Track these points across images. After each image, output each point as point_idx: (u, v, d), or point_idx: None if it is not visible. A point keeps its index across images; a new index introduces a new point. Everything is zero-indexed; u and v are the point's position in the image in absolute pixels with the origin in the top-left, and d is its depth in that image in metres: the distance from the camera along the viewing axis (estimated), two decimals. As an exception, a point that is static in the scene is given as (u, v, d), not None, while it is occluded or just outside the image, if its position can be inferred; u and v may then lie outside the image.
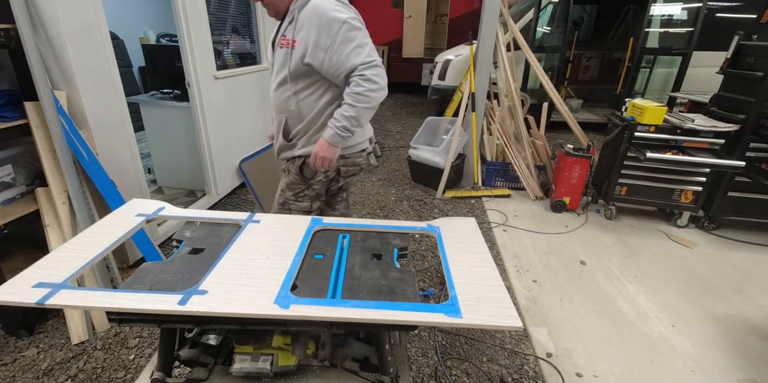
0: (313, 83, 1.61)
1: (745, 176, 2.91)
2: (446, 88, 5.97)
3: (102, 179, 2.11)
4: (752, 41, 2.92)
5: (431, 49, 8.32)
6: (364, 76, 1.48)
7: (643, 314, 2.25)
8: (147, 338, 1.99)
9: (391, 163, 4.62)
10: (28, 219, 1.96)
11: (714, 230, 3.16)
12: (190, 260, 1.22)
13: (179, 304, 0.97)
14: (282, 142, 1.74)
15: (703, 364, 1.93)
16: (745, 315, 2.26)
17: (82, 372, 1.78)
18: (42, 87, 1.85)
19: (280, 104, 1.68)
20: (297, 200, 1.84)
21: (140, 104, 3.34)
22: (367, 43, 1.52)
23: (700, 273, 2.64)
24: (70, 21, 1.93)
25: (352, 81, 1.50)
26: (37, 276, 1.05)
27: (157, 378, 1.16)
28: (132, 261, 2.43)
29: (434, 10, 8.34)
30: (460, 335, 2.08)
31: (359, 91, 1.49)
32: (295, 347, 1.17)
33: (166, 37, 5.74)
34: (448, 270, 1.20)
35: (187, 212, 1.53)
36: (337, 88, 1.62)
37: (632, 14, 6.62)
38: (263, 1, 1.58)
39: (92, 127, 2.12)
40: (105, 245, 1.21)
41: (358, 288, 1.11)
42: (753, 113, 2.77)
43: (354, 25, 1.49)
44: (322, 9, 1.48)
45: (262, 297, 1.02)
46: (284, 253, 1.23)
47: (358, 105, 1.50)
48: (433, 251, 2.82)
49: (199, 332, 1.27)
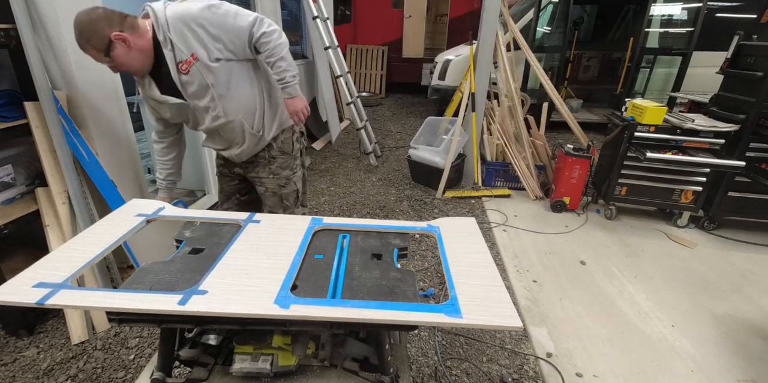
0: (232, 72, 1.63)
1: (745, 176, 2.91)
2: (446, 88, 5.98)
3: (102, 179, 2.11)
4: (752, 41, 2.92)
5: (431, 49, 8.33)
6: (263, 34, 1.55)
7: (643, 314, 2.25)
8: (147, 338, 1.99)
9: (391, 163, 4.62)
10: (28, 219, 1.96)
11: (714, 230, 3.16)
12: (190, 260, 1.21)
13: (179, 304, 0.97)
14: (250, 139, 1.79)
15: (703, 364, 1.93)
16: (745, 315, 2.26)
17: (82, 372, 1.78)
18: (42, 87, 1.85)
19: (229, 111, 1.68)
20: (295, 173, 1.99)
21: (140, 104, 3.34)
22: (237, 8, 1.56)
23: (700, 273, 2.64)
24: (70, 21, 1.92)
25: (258, 45, 1.58)
26: (37, 276, 1.05)
27: (157, 378, 1.16)
28: (132, 261, 2.42)
29: (434, 10, 8.34)
30: (460, 335, 2.08)
31: (271, 46, 1.58)
32: (295, 347, 1.17)
33: (166, 37, 5.73)
34: (448, 270, 1.20)
35: (187, 212, 1.53)
36: (248, 62, 1.67)
37: (632, 14, 6.63)
38: (118, 69, 1.53)
39: (92, 127, 2.12)
40: (105, 245, 1.21)
41: (358, 288, 1.11)
42: (753, 113, 2.77)
43: (213, 3, 1.52)
44: (181, 13, 1.48)
45: (262, 297, 1.02)
46: (284, 253, 1.23)
47: (282, 54, 1.60)
48: (433, 251, 2.82)
49: (199, 332, 1.27)
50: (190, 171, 3.43)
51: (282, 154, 1.90)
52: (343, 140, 5.38)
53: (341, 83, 4.44)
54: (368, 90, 8.28)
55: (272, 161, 1.90)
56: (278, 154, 1.89)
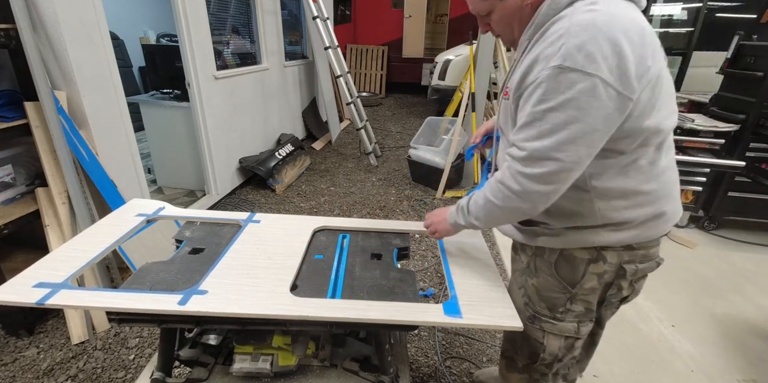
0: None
1: (745, 176, 2.91)
2: (446, 89, 5.98)
3: (102, 179, 2.11)
4: (752, 41, 2.92)
5: (431, 49, 8.33)
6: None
7: (643, 314, 2.25)
8: (147, 338, 1.99)
9: (391, 163, 4.62)
10: (28, 219, 1.96)
11: (714, 230, 3.16)
12: (190, 260, 1.21)
13: (179, 304, 0.97)
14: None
15: (703, 364, 1.93)
16: (745, 315, 2.26)
17: (82, 372, 1.78)
18: (42, 87, 1.85)
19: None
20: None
21: (140, 104, 3.34)
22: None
23: (700, 273, 2.63)
24: (70, 21, 1.93)
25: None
26: (38, 276, 1.05)
27: (157, 378, 1.16)
28: (128, 263, 2.42)
29: (434, 10, 8.34)
30: (460, 335, 2.08)
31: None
32: (295, 347, 1.17)
33: (166, 37, 5.74)
34: (448, 270, 1.20)
35: (187, 212, 1.53)
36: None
37: (632, 14, 6.61)
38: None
39: (92, 127, 2.12)
40: (105, 245, 1.21)
41: (359, 287, 1.11)
42: (753, 113, 2.77)
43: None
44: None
45: (262, 296, 1.02)
46: (284, 253, 1.23)
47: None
48: (433, 251, 2.82)
49: (199, 332, 1.27)
50: (190, 171, 3.44)
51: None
52: (343, 140, 5.38)
53: (341, 83, 4.44)
54: (368, 90, 8.28)
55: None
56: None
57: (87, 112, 2.08)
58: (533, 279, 1.11)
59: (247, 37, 3.96)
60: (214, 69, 3.18)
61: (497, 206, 0.95)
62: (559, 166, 0.82)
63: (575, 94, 0.77)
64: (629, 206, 0.93)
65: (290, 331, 1.16)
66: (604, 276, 1.01)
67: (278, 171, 3.78)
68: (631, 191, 0.92)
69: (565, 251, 1.02)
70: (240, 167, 3.70)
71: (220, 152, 3.35)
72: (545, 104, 0.81)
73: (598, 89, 0.76)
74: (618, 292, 1.04)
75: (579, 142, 0.80)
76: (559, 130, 0.80)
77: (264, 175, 3.67)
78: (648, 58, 0.79)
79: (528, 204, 0.90)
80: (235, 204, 3.46)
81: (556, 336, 0.97)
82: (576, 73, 0.76)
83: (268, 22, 4.08)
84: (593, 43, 0.76)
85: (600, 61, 0.75)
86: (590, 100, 0.77)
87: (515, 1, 0.91)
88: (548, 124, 0.81)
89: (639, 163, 0.90)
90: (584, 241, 0.97)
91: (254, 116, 3.91)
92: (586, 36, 0.76)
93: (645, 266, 1.03)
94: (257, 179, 3.84)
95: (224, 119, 3.38)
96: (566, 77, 0.77)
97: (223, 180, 3.44)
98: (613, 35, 0.76)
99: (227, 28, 3.64)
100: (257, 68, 3.92)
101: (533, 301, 1.12)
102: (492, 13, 0.96)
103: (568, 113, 0.79)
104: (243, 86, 3.66)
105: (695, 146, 2.95)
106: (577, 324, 1.08)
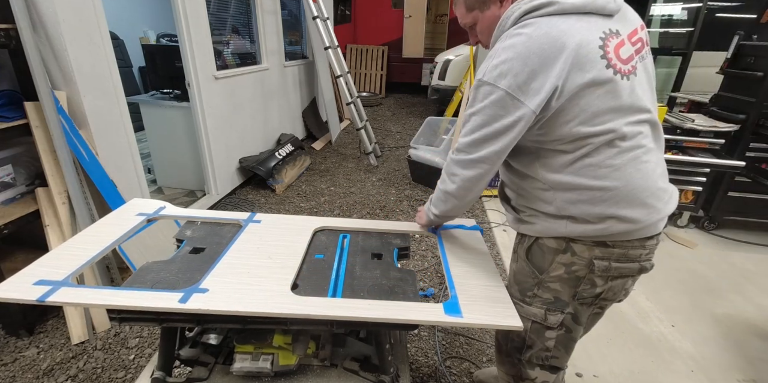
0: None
1: (745, 176, 2.91)
2: (446, 89, 5.98)
3: (102, 179, 2.11)
4: (752, 41, 2.92)
5: (431, 49, 8.33)
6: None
7: (643, 314, 2.25)
8: (147, 338, 1.99)
9: (391, 163, 4.62)
10: (28, 219, 1.96)
11: (714, 230, 3.16)
12: (190, 259, 1.21)
13: (180, 302, 0.97)
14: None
15: (703, 364, 1.93)
16: (745, 315, 2.26)
17: (82, 372, 1.78)
18: (42, 87, 1.85)
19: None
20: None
21: (140, 104, 3.34)
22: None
23: (700, 273, 2.64)
24: (70, 21, 1.93)
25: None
26: (38, 274, 1.05)
27: (157, 377, 1.16)
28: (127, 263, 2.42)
29: (434, 10, 8.35)
30: (460, 335, 2.08)
31: None
32: (295, 346, 1.17)
33: (166, 37, 5.74)
34: (448, 270, 1.20)
35: (188, 211, 1.53)
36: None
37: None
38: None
39: (92, 127, 2.12)
40: (106, 244, 1.21)
41: (359, 287, 1.11)
42: (753, 113, 2.77)
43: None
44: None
45: (263, 295, 1.02)
46: (285, 253, 1.23)
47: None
48: (433, 251, 2.82)
49: (200, 331, 1.27)
50: (190, 171, 3.44)
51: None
52: (343, 140, 5.38)
53: (341, 83, 4.45)
54: (368, 90, 8.28)
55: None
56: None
57: (87, 112, 2.08)
58: (515, 264, 1.24)
59: (247, 37, 3.96)
60: (214, 69, 3.18)
61: (440, 190, 1.18)
62: (476, 156, 1.03)
63: (488, 103, 0.96)
64: (582, 200, 1.01)
65: (291, 330, 1.16)
66: (572, 268, 1.07)
67: (278, 171, 3.78)
68: (583, 186, 1.00)
69: (540, 239, 1.13)
70: (240, 167, 3.70)
71: (220, 152, 3.35)
72: (470, 109, 1.02)
73: (505, 100, 0.93)
74: (591, 288, 1.08)
75: (491, 141, 0.99)
76: (476, 130, 1.00)
77: (264, 175, 3.67)
78: (560, 75, 0.90)
79: (456, 185, 1.10)
80: (235, 204, 3.46)
81: (523, 318, 1.05)
82: (490, 86, 0.94)
83: (268, 22, 4.08)
84: (507, 63, 0.92)
85: (510, 78, 0.91)
86: (498, 109, 0.95)
87: (493, 12, 1.05)
88: (470, 125, 1.02)
89: (586, 161, 0.99)
90: (555, 230, 1.07)
91: (254, 115, 3.91)
92: (504, 56, 0.92)
93: (621, 266, 1.06)
94: (257, 179, 3.84)
95: (224, 119, 3.38)
96: (483, 89, 0.96)
97: (223, 180, 3.44)
98: (526, 56, 0.90)
99: (227, 28, 3.65)
100: (257, 68, 3.92)
101: (510, 284, 1.25)
102: (476, 25, 1.10)
103: (483, 118, 0.98)
104: (243, 86, 3.66)
105: (695, 146, 2.95)
106: (544, 312, 1.15)
